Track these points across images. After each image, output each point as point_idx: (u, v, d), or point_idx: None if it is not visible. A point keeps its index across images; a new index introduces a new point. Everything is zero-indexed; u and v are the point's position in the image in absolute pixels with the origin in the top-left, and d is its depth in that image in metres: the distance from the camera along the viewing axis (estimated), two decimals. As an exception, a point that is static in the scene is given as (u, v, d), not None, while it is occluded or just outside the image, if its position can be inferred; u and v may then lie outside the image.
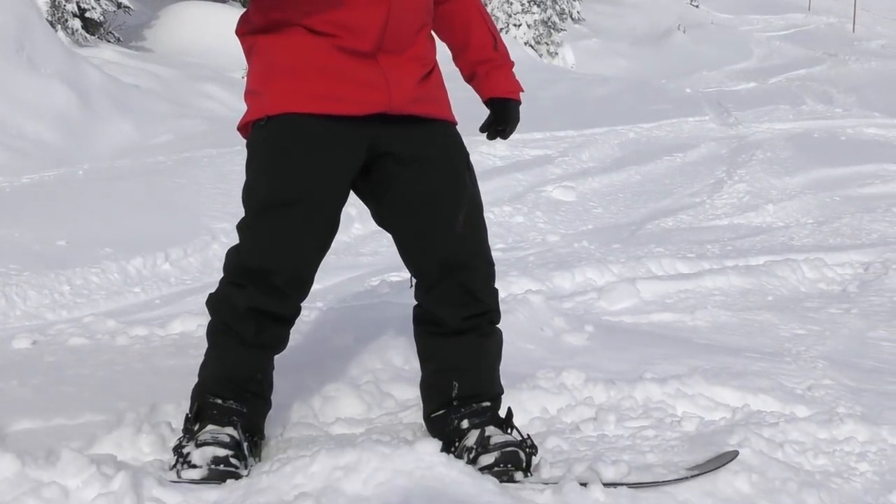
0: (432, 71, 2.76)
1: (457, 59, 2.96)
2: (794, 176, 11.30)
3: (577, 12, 36.61)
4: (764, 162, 12.16)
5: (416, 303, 2.83)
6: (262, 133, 2.62)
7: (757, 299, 5.82)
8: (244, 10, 2.74)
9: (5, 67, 10.90)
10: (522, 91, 2.97)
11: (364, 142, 2.61)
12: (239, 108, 2.79)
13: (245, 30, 2.72)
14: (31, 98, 10.90)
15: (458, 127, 2.83)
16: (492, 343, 2.83)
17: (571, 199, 9.92)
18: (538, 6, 32.03)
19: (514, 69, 2.99)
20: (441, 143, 2.74)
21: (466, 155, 2.80)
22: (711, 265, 6.63)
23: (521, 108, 3.00)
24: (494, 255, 2.84)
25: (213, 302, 2.68)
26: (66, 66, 12.03)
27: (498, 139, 3.02)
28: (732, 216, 9.43)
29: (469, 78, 2.96)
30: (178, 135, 12.04)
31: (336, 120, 2.57)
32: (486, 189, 7.90)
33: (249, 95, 2.70)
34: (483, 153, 10.86)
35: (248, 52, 2.73)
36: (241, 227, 2.64)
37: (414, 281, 2.81)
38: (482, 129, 2.94)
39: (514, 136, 3.11)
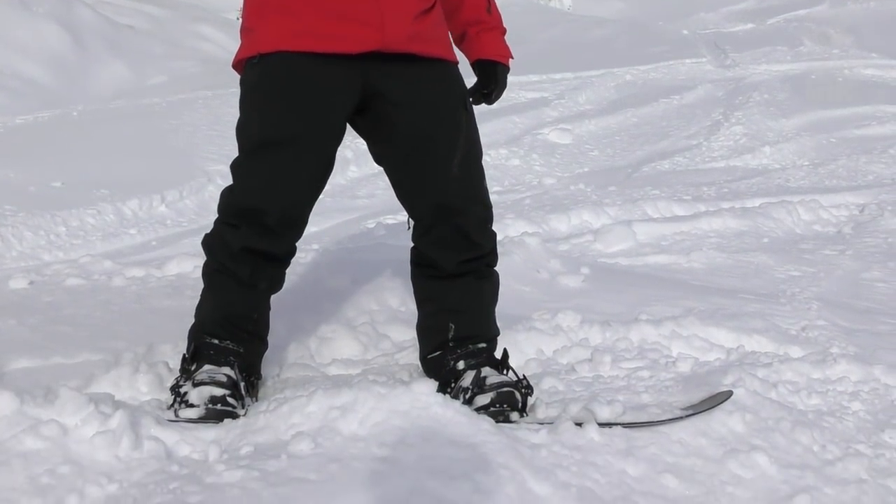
0: (433, 7, 2.69)
1: (449, 20, 2.85)
2: (790, 118, 11.26)
3: (575, -48, 36.21)
4: (761, 104, 12.12)
5: (412, 245, 2.84)
6: (254, 71, 2.59)
7: (752, 241, 5.83)
8: (240, -51, 2.69)
9: (-3, 7, 10.80)
10: (512, 58, 2.92)
11: (358, 80, 2.57)
12: (234, 50, 2.77)
13: None
14: (23, 38, 10.81)
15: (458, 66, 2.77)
16: (488, 285, 2.84)
17: (568, 141, 9.89)
18: (535, -54, 31.66)
19: (505, 36, 2.94)
20: (437, 84, 2.69)
21: (465, 96, 2.75)
22: (707, 207, 6.63)
23: (518, 49, 2.96)
24: (491, 198, 2.83)
25: (208, 242, 2.68)
26: (58, 6, 11.91)
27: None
28: (729, 158, 9.42)
29: (459, 39, 2.90)
30: (172, 76, 11.95)
31: (329, 57, 2.53)
32: (483, 132, 7.87)
33: (244, 32, 2.67)
34: (479, 95, 10.79)
35: None
36: (234, 167, 2.63)
37: (412, 223, 2.81)
38: (468, 93, 2.83)
39: (510, 79, 3.06)
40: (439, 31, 2.73)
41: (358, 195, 7.49)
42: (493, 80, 2.88)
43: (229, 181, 2.66)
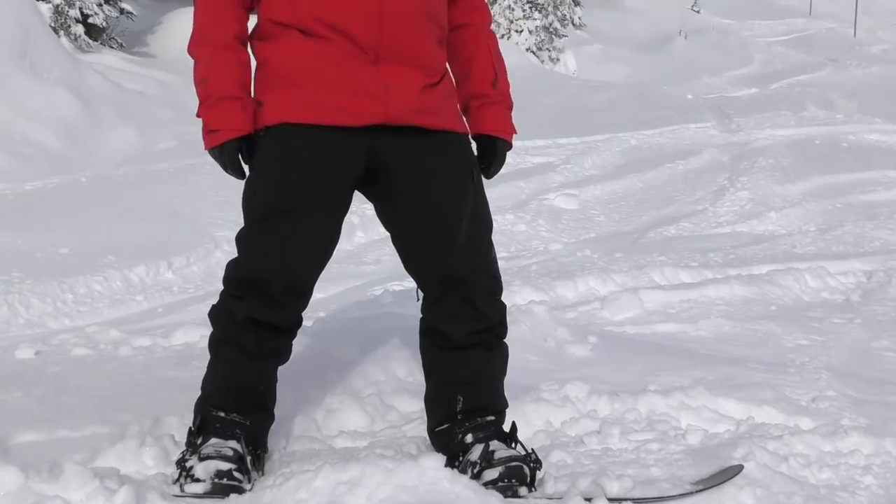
0: (441, 80, 2.71)
1: (459, 90, 2.87)
2: (796, 183, 11.29)
3: (579, 18, 36.62)
4: (766, 169, 12.16)
5: (421, 315, 2.84)
6: (259, 143, 2.61)
7: (760, 309, 5.81)
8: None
9: (9, 73, 10.90)
10: (514, 133, 2.90)
11: (363, 152, 2.59)
12: None
13: (252, 39, 2.72)
14: (34, 104, 10.90)
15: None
16: (497, 357, 2.83)
17: (574, 206, 9.91)
18: (539, 12, 32.02)
19: (512, 111, 2.90)
20: (444, 154, 2.70)
21: (472, 165, 2.76)
22: (714, 274, 6.63)
23: (524, 114, 2.97)
24: (498, 263, 2.83)
25: (215, 314, 2.69)
26: (69, 73, 12.04)
27: None
28: (735, 224, 9.42)
29: (463, 110, 2.87)
30: (180, 141, 12.02)
31: (334, 130, 2.55)
32: (489, 197, 7.90)
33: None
34: (485, 160, 10.85)
35: (256, 62, 2.73)
36: (239, 238, 2.65)
37: (420, 294, 2.81)
38: (476, 164, 2.84)
39: (516, 144, 3.07)
40: (447, 103, 2.74)
41: (364, 261, 7.49)
42: (489, 155, 2.85)
43: (236, 246, 2.68)
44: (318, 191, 2.58)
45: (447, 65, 2.79)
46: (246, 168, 2.64)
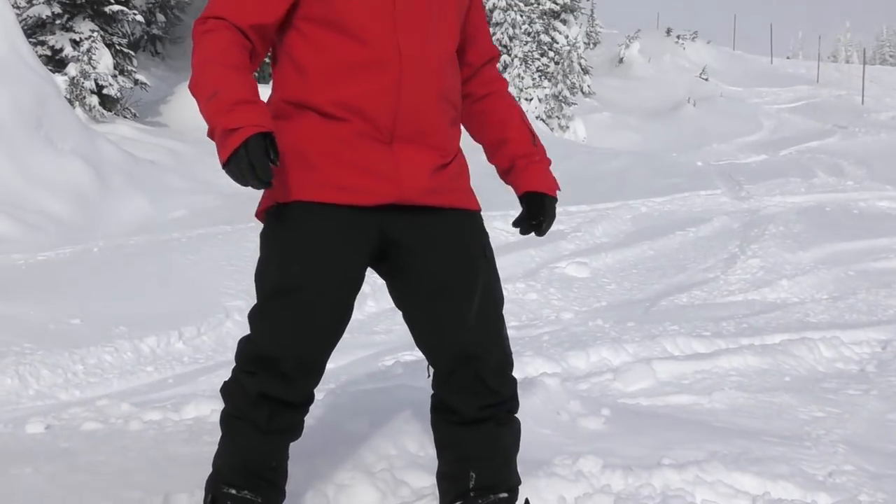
0: (453, 160, 2.73)
1: (493, 155, 2.92)
2: (807, 250, 11.26)
3: (588, 86, 36.93)
4: (777, 236, 12.15)
5: (431, 389, 2.83)
6: (272, 221, 2.63)
7: (774, 380, 5.77)
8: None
9: (24, 144, 11.02)
10: (559, 189, 2.93)
11: (374, 231, 2.60)
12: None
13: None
14: (48, 174, 11.00)
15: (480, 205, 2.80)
16: (509, 432, 2.81)
17: (585, 275, 9.90)
18: (549, 80, 32.32)
19: (550, 166, 2.94)
20: (455, 231, 2.70)
21: (484, 242, 2.76)
22: (727, 344, 6.59)
23: None
24: (509, 332, 2.82)
25: (227, 389, 2.67)
26: (82, 143, 12.15)
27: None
28: (747, 292, 9.38)
29: (506, 172, 2.91)
30: (192, 210, 12.10)
31: (346, 209, 2.56)
32: (500, 265, 7.89)
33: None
34: (496, 228, 10.87)
35: None
36: (251, 317, 2.65)
37: (431, 370, 2.80)
38: (515, 224, 2.89)
39: None
40: (459, 182, 2.75)
41: (376, 331, 7.49)
42: (541, 211, 2.87)
43: (248, 324, 2.68)
44: (329, 269, 2.58)
45: (460, 146, 2.81)
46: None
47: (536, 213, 2.87)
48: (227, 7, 2.57)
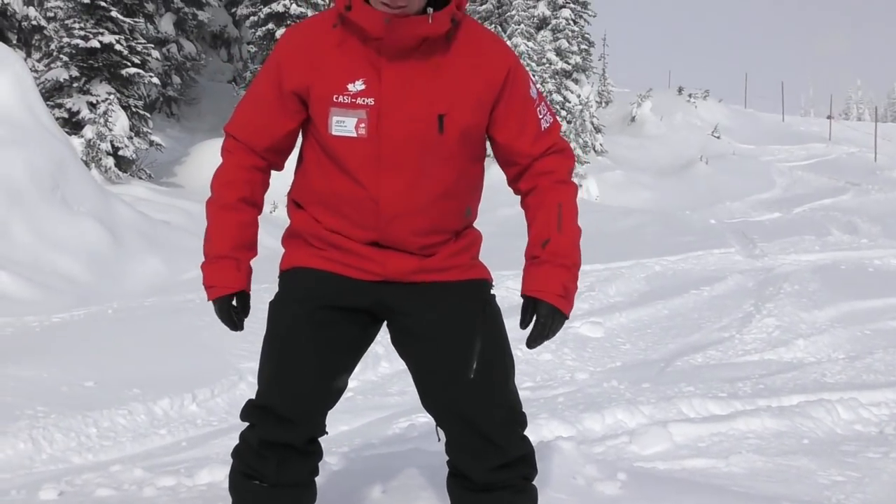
0: (457, 237, 2.77)
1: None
2: (822, 309, 11.20)
3: (600, 145, 37.06)
4: (792, 295, 12.09)
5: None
6: (277, 287, 2.79)
7: (792, 443, 5.71)
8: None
9: (41, 206, 11.10)
10: (560, 294, 2.67)
11: (368, 298, 2.70)
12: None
13: (287, 195, 2.87)
14: (63, 236, 11.07)
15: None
16: (526, 500, 2.78)
17: (599, 334, 9.86)
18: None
19: (566, 271, 2.70)
20: (452, 295, 2.71)
21: (484, 299, 2.75)
22: (744, 405, 6.53)
23: None
24: (523, 394, 2.79)
25: (235, 450, 2.77)
26: (98, 204, 12.24)
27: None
28: (762, 351, 9.32)
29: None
30: (206, 270, 12.12)
31: (340, 276, 2.68)
32: (512, 325, 7.87)
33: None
34: (508, 288, 10.80)
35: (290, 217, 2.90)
36: (257, 374, 2.78)
37: (442, 434, 2.79)
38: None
39: None
40: (457, 260, 2.76)
41: (389, 392, 7.44)
42: (531, 318, 2.69)
43: None
44: (322, 325, 2.68)
45: (470, 225, 2.84)
46: (239, 321, 2.85)
47: (526, 318, 2.71)
48: (241, 129, 2.80)
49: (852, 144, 46.86)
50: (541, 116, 2.76)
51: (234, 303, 2.80)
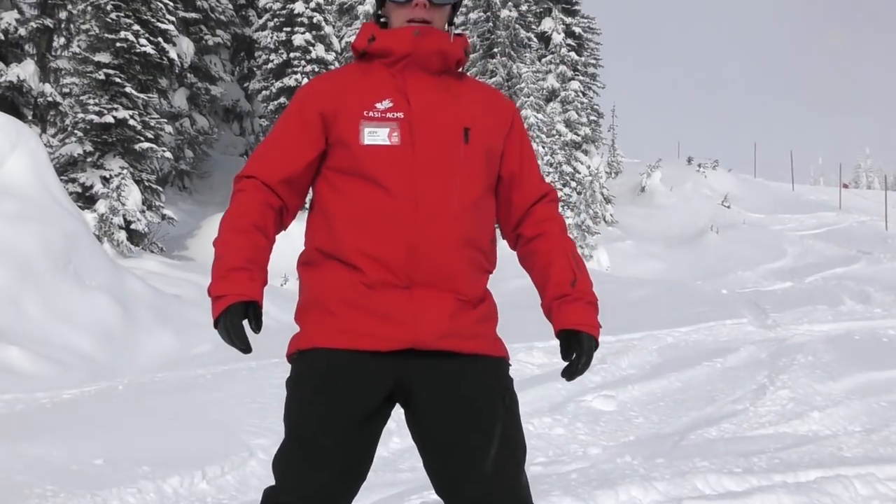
0: (480, 303, 2.78)
1: (541, 298, 2.93)
2: (837, 381, 11.10)
3: (611, 215, 37.21)
4: (806, 366, 12.00)
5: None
6: (295, 367, 2.75)
7: (810, 520, 5.62)
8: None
9: (53, 282, 11.15)
10: (599, 328, 2.86)
11: (390, 376, 2.67)
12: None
13: (298, 263, 2.84)
14: (75, 311, 11.10)
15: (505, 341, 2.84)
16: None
17: (612, 408, 9.77)
18: (572, 210, 32.58)
19: (595, 308, 2.88)
20: (473, 378, 2.73)
21: (504, 388, 2.77)
22: (760, 481, 6.44)
23: None
24: (535, 469, 2.81)
25: None
26: (110, 279, 12.29)
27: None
28: (777, 424, 9.22)
29: (547, 315, 2.90)
30: (217, 344, 12.08)
31: (363, 354, 2.64)
32: (525, 399, 7.80)
33: (296, 331, 2.79)
34: (521, 361, 10.82)
35: (300, 286, 2.86)
36: (274, 463, 2.71)
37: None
38: (563, 374, 2.84)
39: (551, 343, 3.08)
40: (483, 328, 2.78)
41: (401, 468, 7.37)
42: (576, 349, 2.80)
43: (271, 455, 2.76)
44: (343, 418, 2.64)
45: (487, 290, 2.84)
46: (250, 339, 2.65)
47: (569, 351, 2.83)
48: (257, 166, 2.79)
49: (863, 213, 46.92)
50: (537, 162, 3.00)
51: (245, 318, 2.62)
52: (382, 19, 2.92)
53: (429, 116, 2.73)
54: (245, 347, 2.60)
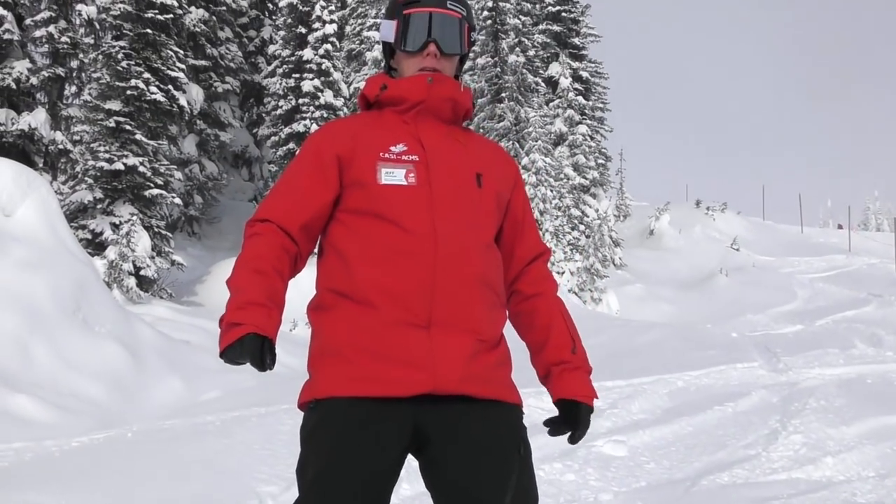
0: (495, 347, 2.78)
1: (534, 358, 2.98)
2: (850, 425, 11.01)
3: (620, 258, 37.20)
4: (818, 410, 11.91)
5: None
6: (311, 417, 2.69)
7: (824, 568, 5.56)
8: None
9: (62, 328, 11.16)
10: (596, 398, 2.93)
11: (408, 423, 2.64)
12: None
13: (308, 309, 2.83)
14: (84, 357, 11.10)
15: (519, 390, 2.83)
16: None
17: (623, 453, 9.71)
18: (580, 254, 32.58)
19: (591, 375, 2.97)
20: (491, 427, 2.72)
21: (519, 438, 2.76)
22: (774, 529, 6.38)
23: None
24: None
25: None
26: (119, 325, 12.30)
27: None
28: (790, 470, 9.14)
29: (544, 378, 2.96)
30: (226, 390, 12.10)
31: (381, 401, 2.61)
32: (536, 445, 7.76)
33: (307, 378, 2.78)
34: (531, 406, 10.71)
35: (311, 332, 2.84)
36: None
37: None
38: (546, 424, 2.90)
39: None
40: (500, 372, 2.79)
41: (411, 516, 7.32)
42: (575, 420, 2.88)
43: (280, 502, 2.72)
44: (363, 468, 2.60)
45: (503, 333, 2.85)
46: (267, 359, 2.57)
47: (568, 422, 2.89)
48: (272, 209, 2.78)
49: (873, 255, 46.84)
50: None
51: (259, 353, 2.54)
52: (392, 72, 3.00)
53: (443, 160, 2.79)
54: (262, 368, 2.53)
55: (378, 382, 2.61)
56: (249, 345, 2.49)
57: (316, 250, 2.94)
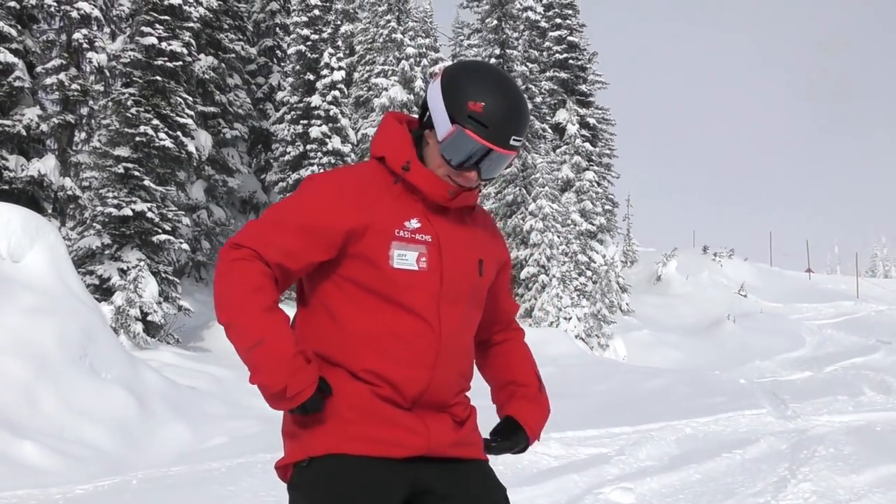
0: (468, 417, 2.89)
1: (498, 392, 3.08)
2: (860, 473, 10.91)
3: (626, 304, 37.13)
4: (827, 458, 11.81)
5: None
6: (306, 475, 2.67)
7: None
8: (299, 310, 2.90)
9: (68, 375, 11.15)
10: (537, 440, 3.03)
11: (405, 482, 2.67)
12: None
13: None
14: (90, 404, 11.07)
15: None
16: None
17: (630, 501, 9.63)
18: (587, 299, 32.53)
19: (546, 421, 3.06)
20: (480, 479, 2.82)
21: (504, 490, 2.87)
22: (783, 579, 6.32)
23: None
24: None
25: None
26: (125, 371, 12.28)
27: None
28: (800, 519, 9.06)
29: (502, 399, 3.07)
30: (232, 437, 12.05)
31: (377, 460, 2.64)
32: (543, 492, 7.73)
33: (287, 437, 2.76)
34: (537, 453, 10.70)
35: None
36: None
37: None
38: (487, 449, 2.96)
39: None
40: (475, 436, 2.90)
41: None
42: (513, 441, 2.98)
43: None
44: None
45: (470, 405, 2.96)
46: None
47: (508, 439, 2.98)
48: (258, 241, 2.67)
49: (881, 302, 46.74)
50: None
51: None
52: (419, 132, 2.81)
53: (454, 244, 2.76)
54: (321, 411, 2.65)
55: (376, 443, 2.64)
56: (313, 403, 2.60)
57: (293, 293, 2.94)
